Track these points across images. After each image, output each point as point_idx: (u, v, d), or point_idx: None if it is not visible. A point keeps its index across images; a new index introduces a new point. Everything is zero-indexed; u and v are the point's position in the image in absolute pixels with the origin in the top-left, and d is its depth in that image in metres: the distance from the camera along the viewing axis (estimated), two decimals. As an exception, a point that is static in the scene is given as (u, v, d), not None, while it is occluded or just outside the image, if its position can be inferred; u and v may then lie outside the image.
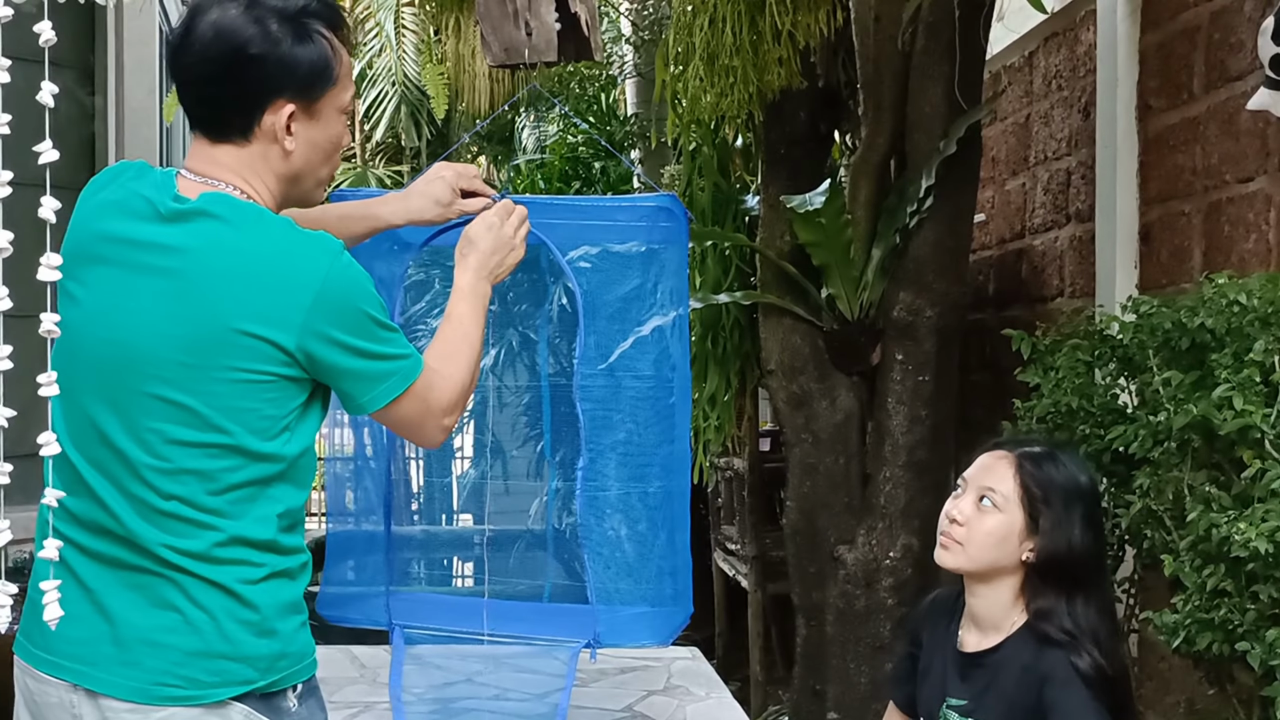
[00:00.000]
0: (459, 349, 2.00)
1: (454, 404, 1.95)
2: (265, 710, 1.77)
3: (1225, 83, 3.51)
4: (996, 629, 2.31)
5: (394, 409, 1.86)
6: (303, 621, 1.84)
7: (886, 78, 4.28)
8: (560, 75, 8.56)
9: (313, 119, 1.85)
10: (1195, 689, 2.86)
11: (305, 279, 1.74)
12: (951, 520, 2.33)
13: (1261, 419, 2.33)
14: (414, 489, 3.49)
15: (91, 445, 1.77)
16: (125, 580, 1.74)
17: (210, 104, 1.82)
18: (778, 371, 4.48)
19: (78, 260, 1.79)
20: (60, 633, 1.66)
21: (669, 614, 2.92)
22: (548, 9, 2.72)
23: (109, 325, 1.76)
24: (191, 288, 1.73)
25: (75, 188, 1.93)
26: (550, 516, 3.31)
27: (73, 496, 1.75)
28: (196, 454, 1.73)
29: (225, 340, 1.72)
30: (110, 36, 5.44)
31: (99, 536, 1.76)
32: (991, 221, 5.39)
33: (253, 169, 1.83)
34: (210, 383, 1.72)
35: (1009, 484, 2.29)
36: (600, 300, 2.93)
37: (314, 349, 1.75)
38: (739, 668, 6.63)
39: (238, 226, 1.76)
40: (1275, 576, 2.27)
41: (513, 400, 3.49)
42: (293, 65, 1.80)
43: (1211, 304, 2.59)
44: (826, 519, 4.36)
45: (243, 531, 1.75)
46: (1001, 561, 2.29)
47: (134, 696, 1.71)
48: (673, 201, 2.83)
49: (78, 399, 1.77)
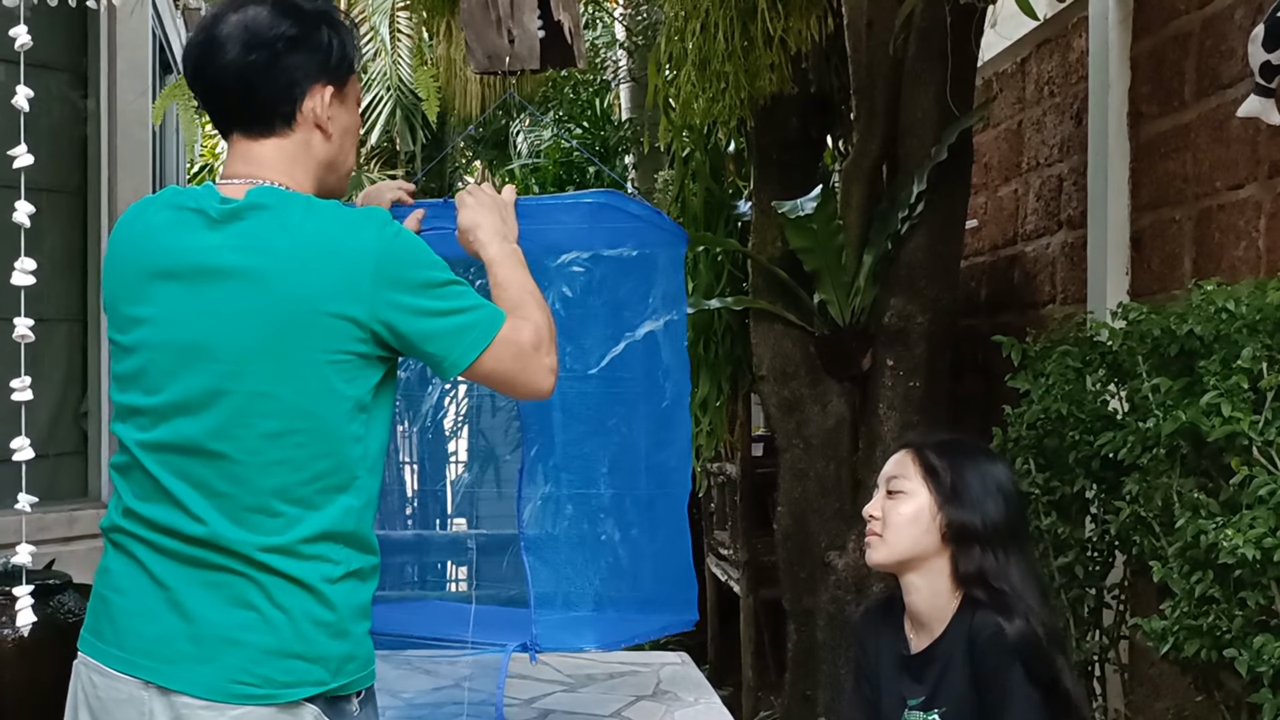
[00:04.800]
0: (524, 299, 1.99)
1: (546, 342, 1.94)
2: (332, 715, 1.80)
3: (1216, 90, 3.52)
4: (940, 620, 2.34)
5: (488, 360, 1.87)
6: (368, 629, 1.87)
7: (878, 83, 4.28)
8: (554, 80, 8.57)
9: (343, 104, 1.95)
10: (1184, 695, 2.86)
11: (362, 252, 1.79)
12: (870, 517, 2.42)
13: (1249, 426, 2.34)
14: (409, 494, 3.49)
15: (176, 453, 1.80)
16: (204, 579, 1.77)
17: (253, 99, 1.88)
18: (769, 377, 4.48)
19: (138, 288, 1.84)
20: (134, 629, 1.75)
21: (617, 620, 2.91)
22: (530, 17, 2.71)
23: (186, 332, 1.80)
24: (258, 280, 1.78)
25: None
26: (544, 521, 3.32)
27: (149, 503, 1.80)
28: (284, 443, 1.77)
29: (300, 324, 1.76)
30: (102, 39, 5.44)
31: (178, 539, 1.79)
32: (984, 227, 5.40)
33: (295, 160, 1.90)
34: (291, 368, 1.77)
35: (909, 467, 2.41)
36: (592, 305, 2.93)
37: (389, 318, 1.79)
38: (731, 673, 6.63)
39: (288, 213, 1.82)
40: (1262, 583, 2.28)
41: (506, 404, 3.49)
42: (326, 49, 1.91)
43: (1200, 311, 2.59)
44: (818, 524, 4.36)
45: (328, 524, 1.79)
46: (922, 543, 2.36)
47: (209, 694, 1.74)
48: (614, 198, 2.81)
49: (160, 411, 1.81)
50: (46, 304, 4.84)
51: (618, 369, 2.90)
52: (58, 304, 5.11)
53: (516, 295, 2.00)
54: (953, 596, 2.34)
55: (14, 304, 1.52)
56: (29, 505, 1.81)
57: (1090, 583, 3.04)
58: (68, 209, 5.20)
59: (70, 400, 5.32)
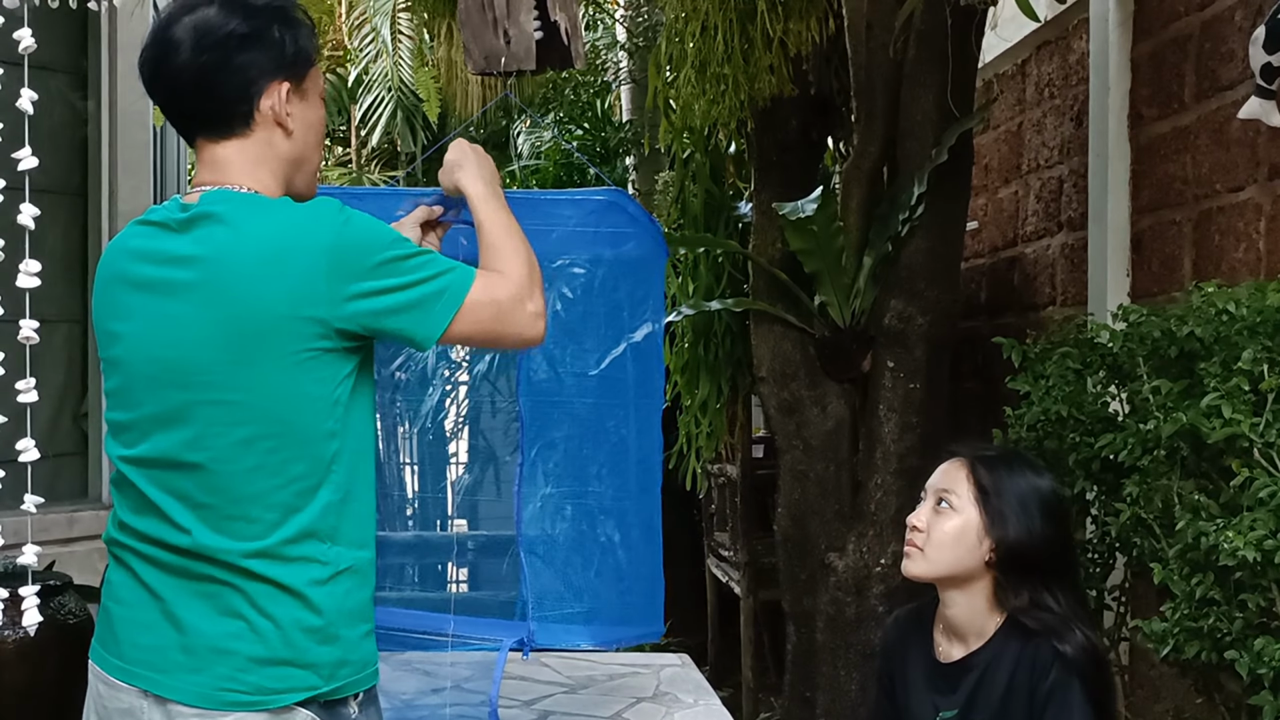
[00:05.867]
0: (505, 242, 1.97)
1: (528, 287, 1.91)
2: (327, 718, 1.81)
3: (1216, 92, 3.52)
4: (978, 635, 2.31)
5: (463, 324, 1.84)
6: (367, 631, 1.87)
7: (878, 85, 4.28)
8: (555, 81, 8.57)
9: (303, 99, 1.93)
10: (1184, 697, 2.86)
11: (315, 250, 1.77)
12: (913, 528, 2.37)
13: (1249, 428, 2.34)
14: (409, 495, 3.49)
15: (157, 468, 1.81)
16: (195, 590, 1.79)
17: (209, 101, 1.87)
18: (769, 378, 4.49)
19: (113, 303, 1.87)
20: (133, 640, 1.79)
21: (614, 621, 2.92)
22: (527, 17, 2.70)
23: (154, 345, 1.81)
24: (215, 290, 1.77)
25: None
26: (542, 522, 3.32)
27: (139, 516, 1.82)
28: (257, 449, 1.77)
29: (261, 330, 1.76)
30: (103, 41, 5.44)
31: (168, 551, 1.81)
32: (984, 229, 5.40)
33: (259, 161, 1.88)
34: (258, 375, 1.77)
35: (962, 484, 2.34)
36: (592, 306, 2.93)
37: (351, 310, 1.78)
38: (731, 674, 6.63)
39: (238, 218, 1.81)
40: (1262, 585, 2.28)
41: (506, 406, 3.49)
42: (279, 45, 1.89)
43: (1200, 313, 2.59)
44: (817, 526, 4.36)
45: (309, 523, 1.79)
46: (964, 561, 2.31)
47: (201, 702, 1.77)
48: (620, 196, 2.81)
49: (139, 426, 1.83)
50: (47, 305, 4.81)
51: (615, 370, 2.90)
52: (58, 305, 5.11)
53: (499, 237, 1.97)
54: (993, 612, 2.31)
55: (17, 305, 1.53)
56: (34, 506, 1.82)
57: (1090, 584, 3.03)
58: (68, 210, 5.20)
59: (70, 401, 5.32)
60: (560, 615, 2.88)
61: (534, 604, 2.84)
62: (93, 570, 3.75)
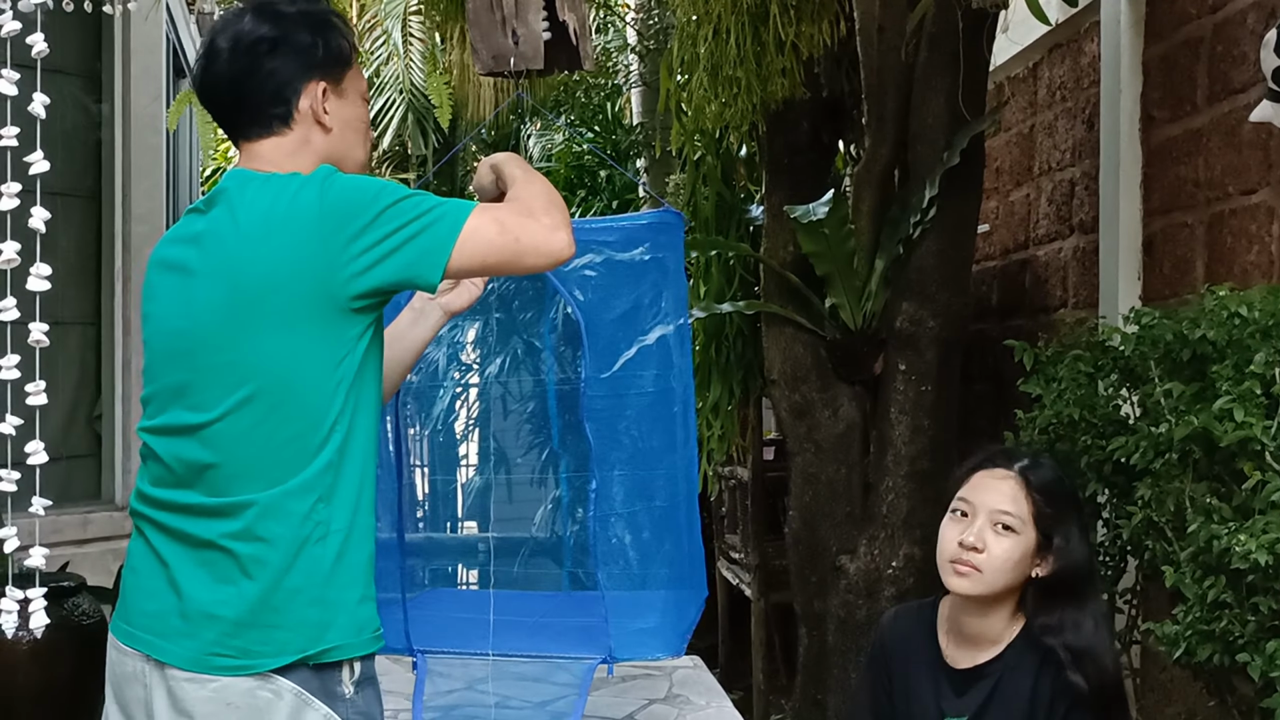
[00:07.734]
0: (526, 186, 1.96)
1: (542, 205, 1.90)
2: (319, 690, 1.84)
3: (1228, 95, 3.52)
4: (993, 642, 2.31)
5: (469, 248, 1.82)
6: (362, 596, 1.90)
7: (890, 88, 4.29)
8: (565, 84, 8.57)
9: (341, 98, 2.00)
10: (1196, 700, 2.86)
11: (304, 219, 1.83)
12: (969, 548, 2.32)
13: (1262, 431, 2.33)
14: (419, 496, 3.50)
15: (170, 434, 1.89)
16: (196, 557, 1.85)
17: (248, 102, 1.96)
18: (780, 381, 4.49)
19: (150, 282, 1.98)
20: (140, 607, 1.89)
21: (676, 623, 2.93)
22: (535, 17, 2.70)
23: (171, 319, 1.91)
24: (218, 261, 1.85)
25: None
26: (563, 525, 3.33)
27: (155, 485, 1.91)
28: (258, 408, 1.83)
29: (259, 294, 1.82)
30: (117, 45, 5.46)
31: (177, 514, 1.87)
32: (995, 232, 5.39)
33: (292, 154, 1.95)
34: (258, 337, 1.82)
35: (1022, 505, 2.32)
36: (604, 309, 2.93)
37: (349, 270, 1.81)
38: (742, 676, 6.63)
39: (240, 192, 1.89)
40: (1275, 588, 2.27)
41: (517, 408, 3.50)
42: (313, 48, 1.97)
43: (1212, 316, 2.59)
44: (828, 528, 4.36)
45: (307, 481, 1.83)
46: (1015, 582, 2.31)
47: (191, 666, 1.83)
48: (671, 215, 2.84)
49: (158, 398, 1.92)
50: (61, 307, 4.86)
51: (635, 369, 2.91)
52: (72, 308, 5.13)
53: (522, 186, 1.97)
54: (1012, 621, 2.32)
55: (28, 308, 1.54)
56: (42, 509, 1.83)
57: (1102, 588, 3.03)
58: (82, 213, 5.22)
59: (84, 403, 5.33)
60: (635, 630, 2.92)
61: (612, 619, 2.86)
62: (106, 572, 3.75)
